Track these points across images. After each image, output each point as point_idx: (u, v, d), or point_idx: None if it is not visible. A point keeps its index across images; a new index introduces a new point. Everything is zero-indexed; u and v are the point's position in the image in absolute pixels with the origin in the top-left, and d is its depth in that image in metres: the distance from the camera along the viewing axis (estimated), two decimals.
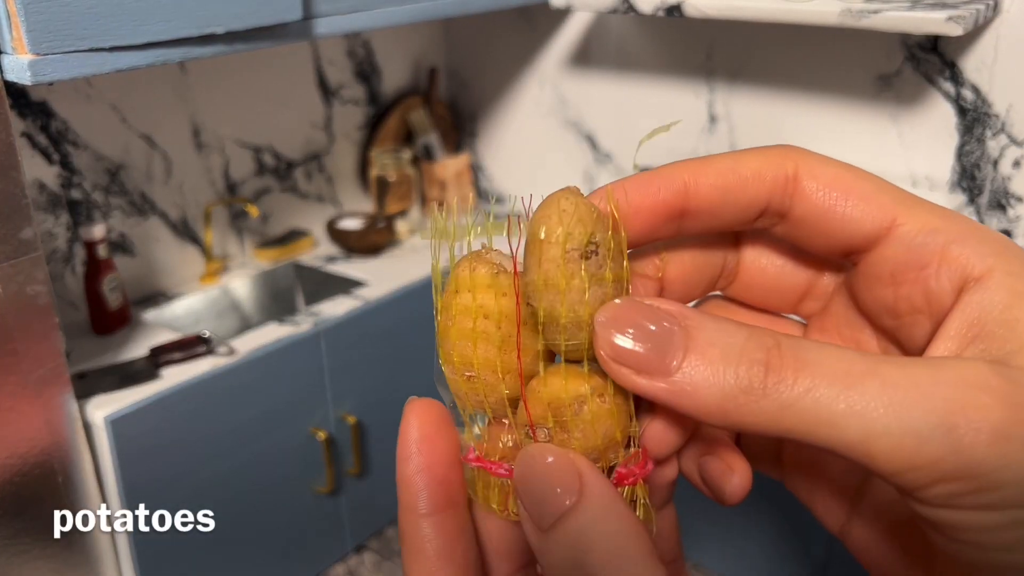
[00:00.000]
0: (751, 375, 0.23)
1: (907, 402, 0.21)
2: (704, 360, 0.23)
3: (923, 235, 0.26)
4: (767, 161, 0.28)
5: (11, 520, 1.28)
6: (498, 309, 0.28)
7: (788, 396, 0.22)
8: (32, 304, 1.23)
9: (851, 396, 0.22)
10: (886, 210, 0.26)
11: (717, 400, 0.23)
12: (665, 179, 0.28)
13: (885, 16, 1.39)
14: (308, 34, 1.45)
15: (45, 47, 1.11)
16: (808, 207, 0.27)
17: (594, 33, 1.99)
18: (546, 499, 0.25)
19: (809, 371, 0.22)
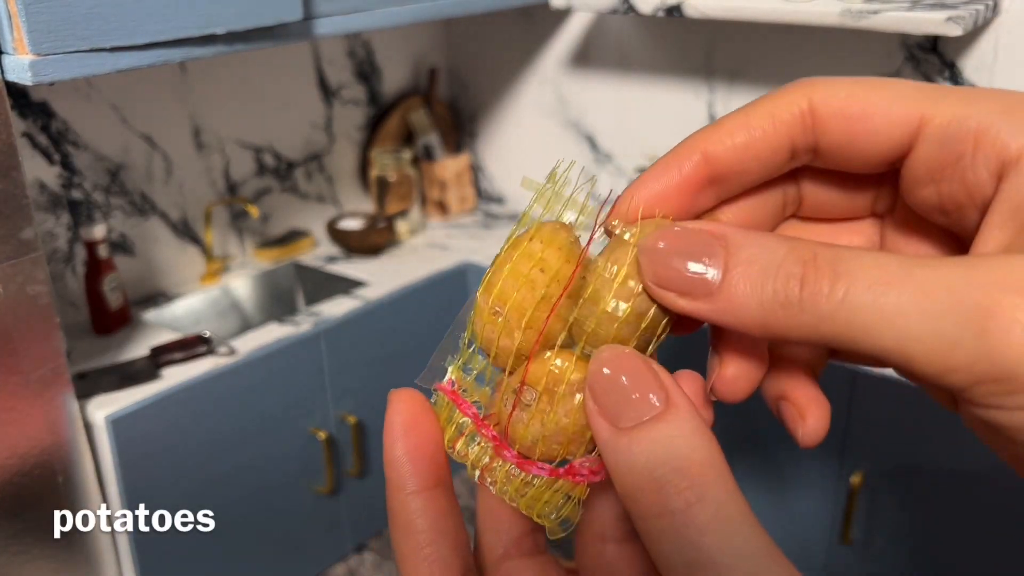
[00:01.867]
0: (788, 288, 0.23)
1: (940, 307, 0.21)
2: (744, 278, 0.24)
3: (952, 127, 0.25)
4: (777, 105, 0.27)
5: (12, 520, 1.28)
6: (556, 268, 0.28)
7: (825, 308, 0.23)
8: (33, 304, 1.23)
9: (885, 304, 0.22)
10: (909, 113, 0.26)
11: (757, 316, 0.23)
12: (682, 156, 0.29)
13: (885, 16, 1.39)
14: (308, 34, 1.45)
15: (46, 47, 1.12)
16: (832, 136, 0.27)
17: (594, 33, 1.99)
18: (628, 398, 0.25)
19: (844, 281, 0.22)
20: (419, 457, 0.28)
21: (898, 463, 1.45)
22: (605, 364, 0.26)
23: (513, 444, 0.29)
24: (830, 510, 1.54)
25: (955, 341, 0.21)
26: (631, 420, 0.24)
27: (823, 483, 1.54)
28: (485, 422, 0.30)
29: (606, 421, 0.25)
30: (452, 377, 0.31)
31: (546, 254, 0.29)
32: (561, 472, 0.29)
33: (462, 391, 0.30)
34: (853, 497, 1.49)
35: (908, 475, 1.45)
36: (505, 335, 0.29)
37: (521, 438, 0.29)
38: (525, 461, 0.29)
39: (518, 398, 0.28)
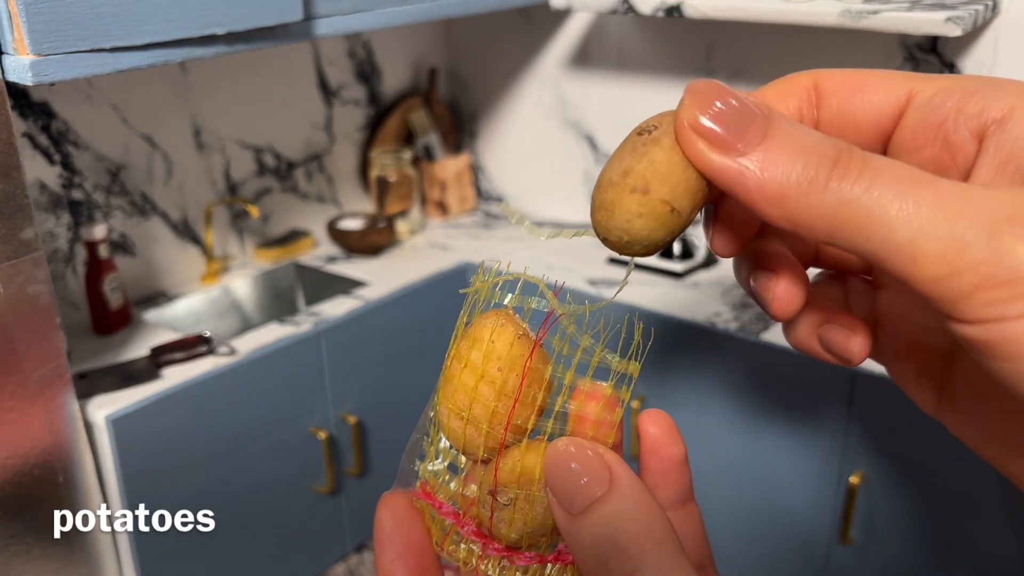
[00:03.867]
0: (819, 168, 0.24)
1: (956, 210, 0.22)
2: (779, 146, 0.24)
3: (937, 97, 0.27)
4: (787, 81, 0.30)
5: (12, 520, 1.28)
6: (511, 360, 0.29)
7: (848, 193, 0.23)
8: (33, 304, 1.23)
9: (905, 200, 0.22)
10: (901, 86, 0.28)
11: (779, 187, 0.24)
12: None
13: (884, 17, 1.39)
14: (309, 35, 1.46)
15: (46, 47, 1.12)
16: (833, 106, 0.29)
17: (594, 34, 1.99)
18: (578, 486, 0.26)
19: (871, 173, 0.23)
20: (407, 563, 0.30)
21: (898, 463, 1.45)
22: (557, 456, 0.27)
23: (499, 540, 0.30)
24: (829, 510, 1.55)
25: (968, 240, 0.22)
26: (581, 505, 0.26)
27: (822, 482, 1.54)
28: (466, 520, 0.31)
29: (562, 509, 0.27)
30: (423, 479, 0.32)
31: (499, 347, 0.29)
32: (550, 557, 0.30)
33: (436, 491, 0.31)
34: (852, 497, 1.49)
35: (907, 475, 1.45)
36: (472, 435, 0.30)
37: (506, 536, 0.30)
38: (513, 553, 0.30)
39: (495, 500, 0.29)
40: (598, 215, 0.29)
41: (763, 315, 1.62)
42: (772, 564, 1.67)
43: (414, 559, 0.30)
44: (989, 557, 1.40)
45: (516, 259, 1.93)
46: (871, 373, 1.42)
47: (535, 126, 2.16)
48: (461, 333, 0.31)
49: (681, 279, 1.80)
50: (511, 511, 0.29)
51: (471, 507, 0.30)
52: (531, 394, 0.29)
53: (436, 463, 0.32)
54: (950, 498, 1.41)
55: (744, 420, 1.59)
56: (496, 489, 0.29)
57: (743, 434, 1.60)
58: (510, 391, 0.29)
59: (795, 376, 1.51)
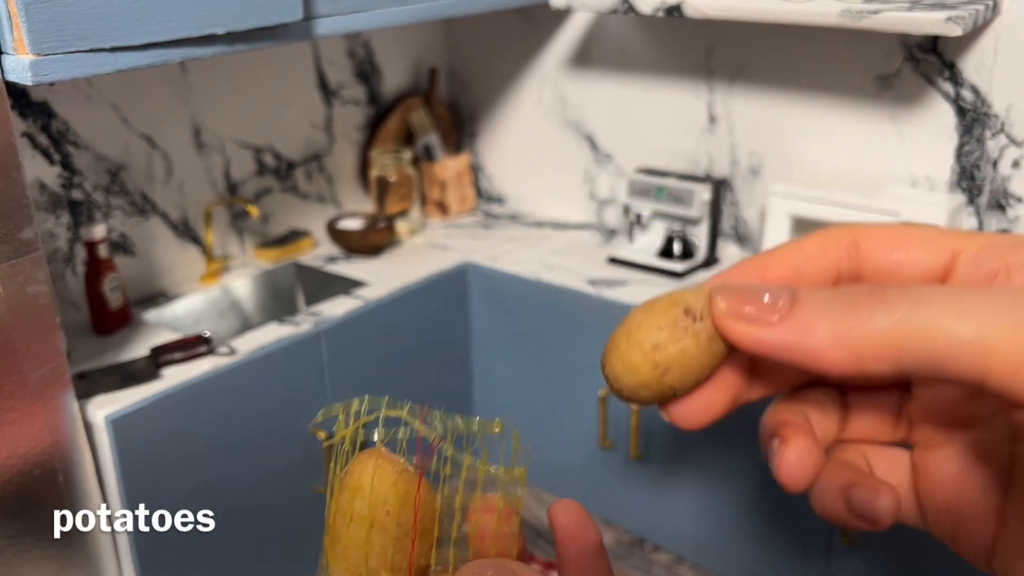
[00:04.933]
0: (856, 301, 0.24)
1: (1013, 300, 0.22)
2: (811, 301, 0.25)
3: (984, 252, 0.27)
4: (827, 237, 0.29)
5: (12, 520, 1.28)
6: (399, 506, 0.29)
7: (898, 310, 0.23)
8: (33, 304, 1.23)
9: (962, 304, 0.23)
10: (945, 245, 0.28)
11: (831, 331, 0.24)
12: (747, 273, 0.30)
13: (884, 16, 1.39)
14: (308, 34, 1.46)
15: (46, 47, 1.12)
16: (875, 264, 0.29)
17: (594, 33, 1.99)
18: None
19: (912, 291, 0.23)
20: None
21: None
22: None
23: None
24: None
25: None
26: None
27: None
28: None
29: None
30: None
31: (382, 490, 0.29)
32: None
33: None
34: None
35: None
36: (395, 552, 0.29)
37: None
38: None
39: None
40: (612, 361, 0.30)
41: None
42: (773, 563, 1.67)
43: None
44: None
45: (516, 259, 1.93)
46: None
47: (535, 126, 2.16)
48: (337, 486, 0.30)
49: (681, 279, 1.80)
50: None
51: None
52: (427, 528, 0.29)
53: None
54: None
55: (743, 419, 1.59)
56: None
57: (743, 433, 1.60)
58: (405, 532, 0.28)
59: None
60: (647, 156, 1.99)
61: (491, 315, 1.94)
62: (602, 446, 1.82)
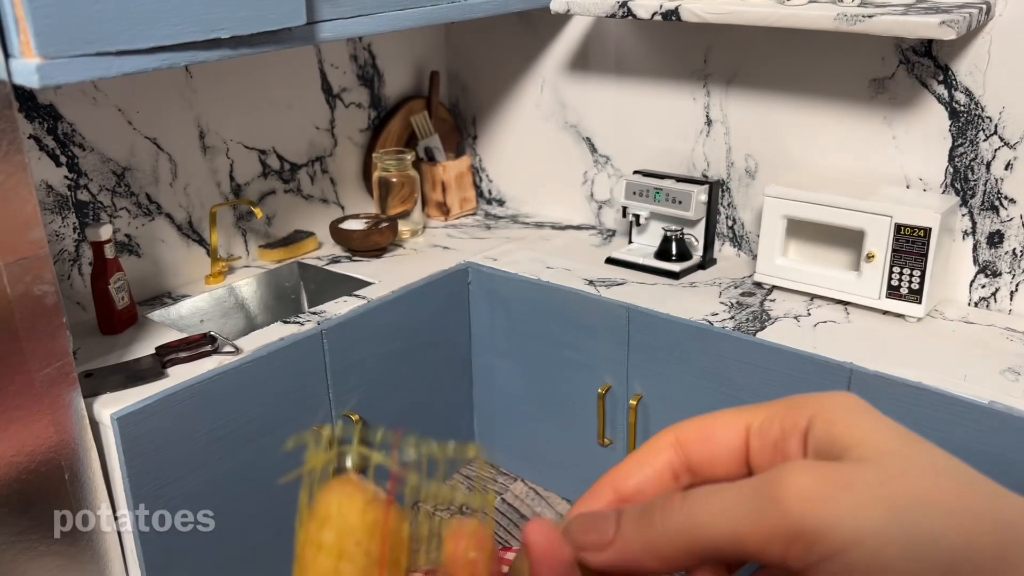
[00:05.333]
0: (651, 516, 0.32)
1: (748, 493, 0.30)
2: (626, 524, 0.32)
3: (764, 424, 0.34)
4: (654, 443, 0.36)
5: (18, 517, 1.30)
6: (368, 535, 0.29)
7: (678, 517, 0.31)
8: (40, 304, 1.25)
9: (715, 502, 0.30)
10: (739, 424, 0.35)
11: (641, 545, 0.31)
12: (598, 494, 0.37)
13: (879, 20, 1.41)
14: (312, 38, 1.47)
15: (53, 51, 1.13)
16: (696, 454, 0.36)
17: (593, 37, 2.01)
18: None
19: (688, 499, 0.31)
20: None
21: None
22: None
23: None
24: None
25: (763, 511, 0.29)
26: None
27: None
28: None
29: None
30: None
31: (351, 519, 0.29)
32: None
33: None
34: None
35: None
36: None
37: None
38: None
39: None
40: None
41: (758, 315, 1.63)
42: None
43: None
44: None
45: (516, 259, 1.94)
46: (867, 371, 1.43)
47: (535, 128, 2.18)
48: (306, 515, 0.30)
49: (678, 279, 1.82)
50: None
51: None
52: (396, 558, 0.29)
53: None
54: None
55: None
56: None
57: None
58: (374, 562, 0.29)
59: (791, 374, 1.52)
60: (645, 158, 2.01)
61: (491, 315, 1.96)
62: (601, 444, 1.83)
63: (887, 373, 1.42)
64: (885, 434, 0.32)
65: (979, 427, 1.35)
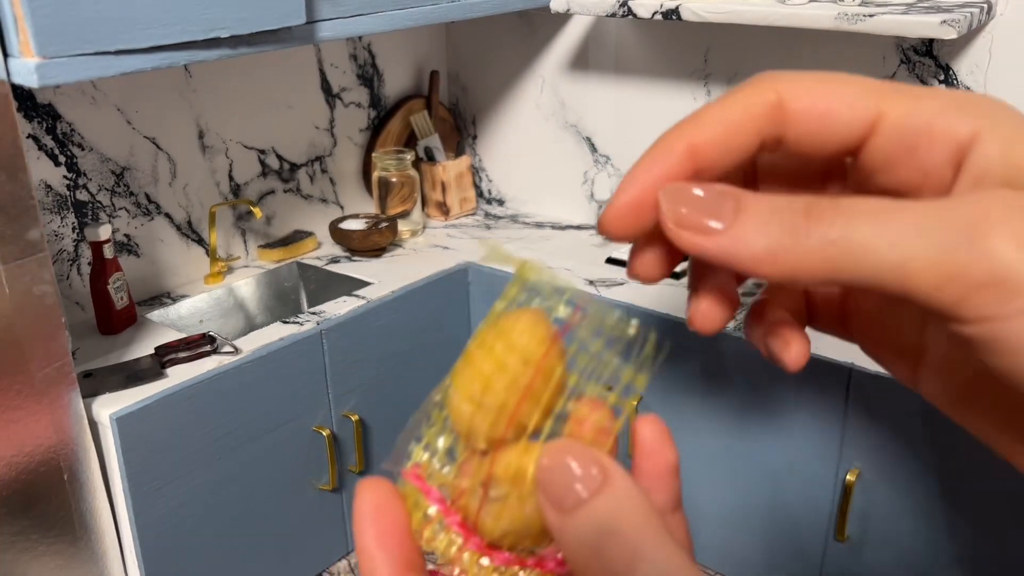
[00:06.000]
0: (795, 220, 0.25)
1: (935, 224, 0.24)
2: (754, 214, 0.26)
3: (907, 119, 0.28)
4: (750, 98, 0.30)
5: (18, 517, 1.29)
6: (535, 357, 0.29)
7: (829, 233, 0.25)
8: (39, 304, 1.24)
9: (887, 226, 0.24)
10: (868, 107, 0.28)
11: (766, 246, 0.25)
12: (669, 149, 0.30)
13: (880, 20, 1.40)
14: (311, 38, 1.47)
15: (52, 50, 1.13)
16: (800, 128, 0.29)
17: (593, 37, 2.01)
18: (570, 485, 0.26)
19: (845, 211, 0.25)
20: (388, 544, 0.29)
21: (893, 460, 1.46)
22: (548, 456, 0.27)
23: (482, 535, 0.30)
24: (826, 507, 1.56)
25: (952, 248, 0.23)
26: (572, 503, 0.26)
27: (819, 480, 1.55)
28: (452, 509, 0.30)
29: (553, 508, 0.27)
30: (417, 461, 0.31)
31: (525, 341, 0.29)
32: (530, 562, 0.30)
33: (428, 475, 0.31)
34: (848, 494, 1.50)
35: (903, 472, 1.46)
36: (479, 422, 0.29)
37: (490, 531, 0.29)
38: (493, 551, 0.30)
39: (486, 492, 0.29)
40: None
41: None
42: (768, 560, 1.68)
43: (397, 541, 0.29)
44: (984, 554, 1.41)
45: None
46: (867, 371, 1.43)
47: (535, 128, 2.18)
48: (492, 322, 0.30)
49: (679, 279, 1.82)
50: (500, 506, 0.29)
51: (460, 497, 0.30)
52: (541, 392, 0.29)
53: (437, 443, 0.31)
54: (945, 495, 1.42)
55: (741, 418, 1.60)
56: (489, 481, 0.29)
57: (740, 432, 1.61)
58: (520, 386, 0.29)
59: (792, 374, 1.52)
60: None
61: None
62: None
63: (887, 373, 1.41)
64: None
65: None
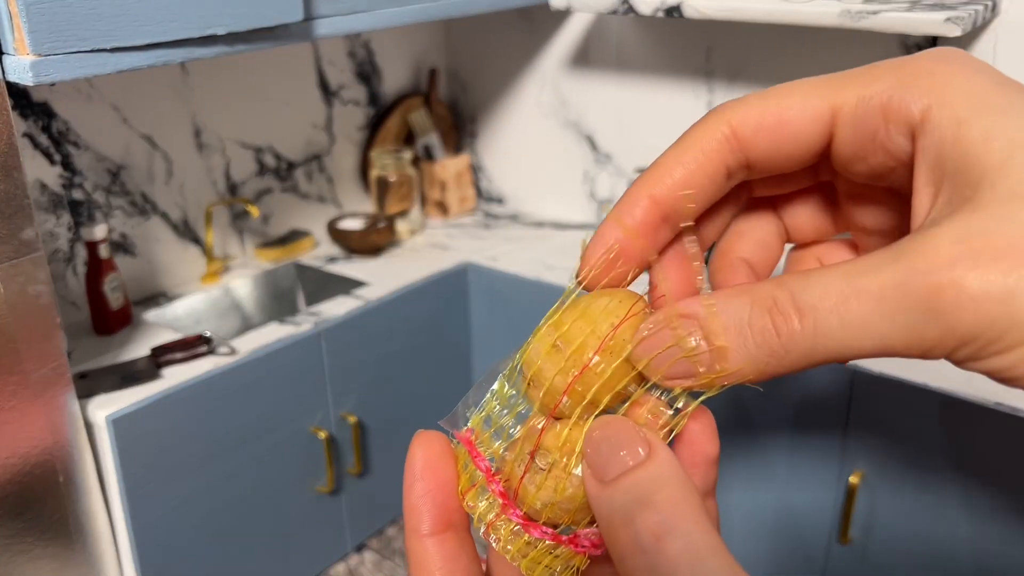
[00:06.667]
0: (768, 341, 0.26)
1: (895, 306, 0.24)
2: (731, 337, 0.27)
3: (860, 108, 0.28)
4: (702, 137, 0.30)
5: (13, 519, 1.29)
6: (620, 346, 0.29)
7: (804, 343, 0.25)
8: (34, 304, 1.23)
9: (851, 319, 0.25)
10: (819, 105, 0.28)
11: (756, 371, 0.26)
12: (632, 204, 0.31)
13: (884, 17, 1.39)
14: (309, 35, 1.46)
15: (47, 48, 1.12)
16: (760, 149, 0.29)
17: (594, 34, 2.00)
18: (614, 454, 0.27)
19: (810, 315, 0.25)
20: (434, 501, 0.30)
21: (897, 462, 1.46)
22: (599, 428, 0.28)
23: (521, 505, 0.30)
24: (829, 509, 1.55)
25: (920, 328, 0.24)
26: (614, 472, 0.27)
27: (822, 482, 1.54)
28: (496, 477, 0.30)
29: (595, 479, 0.27)
30: (472, 426, 0.32)
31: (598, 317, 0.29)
32: (564, 539, 0.30)
33: (479, 443, 0.31)
34: (852, 496, 1.49)
35: (907, 474, 1.45)
36: (560, 372, 0.29)
37: (531, 501, 0.29)
38: (530, 523, 0.30)
39: (531, 461, 0.29)
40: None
41: None
42: (771, 563, 1.68)
43: (442, 499, 0.30)
44: (988, 557, 1.40)
45: (516, 259, 1.93)
46: (871, 373, 1.42)
47: (535, 126, 2.17)
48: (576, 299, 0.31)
49: None
50: (544, 476, 0.29)
51: (506, 465, 0.30)
52: (607, 367, 0.29)
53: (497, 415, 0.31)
54: (949, 498, 1.41)
55: (743, 420, 1.59)
56: (536, 450, 0.29)
57: (742, 434, 1.60)
58: (577, 361, 0.29)
59: (794, 376, 1.51)
60: (646, 156, 1.99)
61: (491, 315, 1.94)
62: None
63: (890, 374, 1.41)
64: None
65: (984, 429, 1.34)
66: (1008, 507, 1.37)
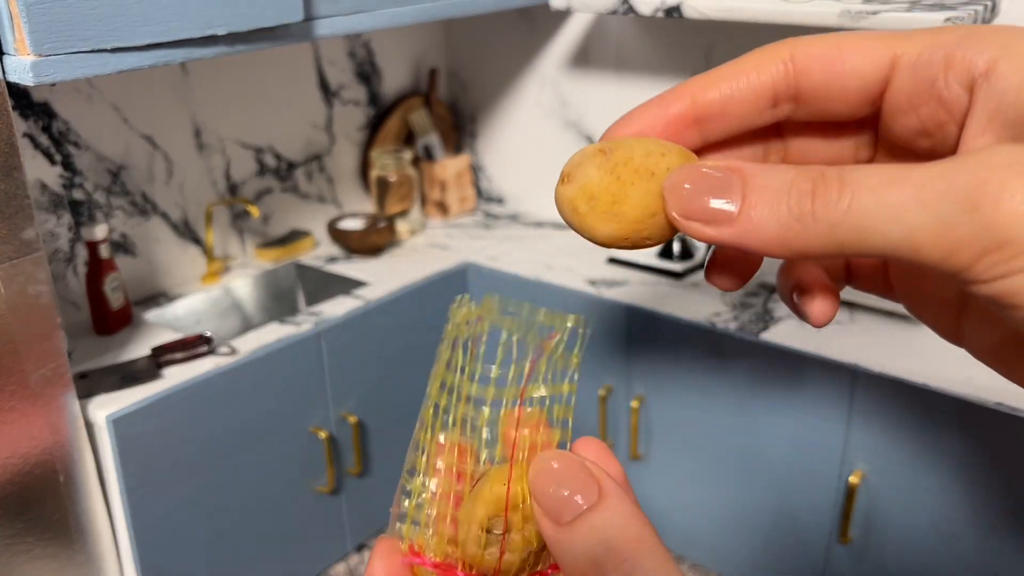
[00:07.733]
0: (801, 204, 0.25)
1: (935, 195, 0.24)
2: (761, 200, 0.26)
3: (923, 56, 0.28)
4: (764, 53, 0.30)
5: (13, 519, 1.29)
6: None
7: (835, 214, 0.25)
8: (34, 304, 1.23)
9: (888, 200, 0.24)
10: (882, 50, 0.28)
11: (777, 232, 0.26)
12: (672, 97, 0.31)
13: (883, 17, 1.39)
14: (309, 35, 1.46)
15: (47, 48, 1.12)
16: (813, 78, 0.29)
17: (594, 34, 2.00)
18: (567, 498, 0.27)
19: (849, 188, 0.25)
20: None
21: (897, 462, 1.46)
22: (543, 470, 0.28)
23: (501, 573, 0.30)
24: (829, 509, 1.55)
25: (954, 221, 0.23)
26: (570, 515, 0.27)
27: (822, 482, 1.54)
28: (450, 562, 0.31)
29: (550, 520, 0.28)
30: (410, 540, 0.32)
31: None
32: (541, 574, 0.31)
33: (424, 548, 0.32)
34: (852, 496, 1.49)
35: (907, 474, 1.45)
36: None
37: (510, 565, 0.30)
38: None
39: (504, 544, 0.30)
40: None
41: (762, 315, 1.62)
42: (771, 562, 1.68)
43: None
44: (988, 557, 1.40)
45: (516, 259, 1.93)
46: (872, 372, 1.42)
47: (535, 126, 2.17)
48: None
49: (680, 279, 1.81)
50: (513, 536, 0.29)
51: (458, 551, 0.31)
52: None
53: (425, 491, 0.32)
54: (949, 497, 1.41)
55: (744, 419, 1.59)
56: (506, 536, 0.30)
57: (743, 433, 1.61)
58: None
59: (795, 375, 1.51)
60: None
61: None
62: None
63: (892, 374, 1.41)
64: None
65: (984, 429, 1.34)
66: (1008, 507, 1.37)
